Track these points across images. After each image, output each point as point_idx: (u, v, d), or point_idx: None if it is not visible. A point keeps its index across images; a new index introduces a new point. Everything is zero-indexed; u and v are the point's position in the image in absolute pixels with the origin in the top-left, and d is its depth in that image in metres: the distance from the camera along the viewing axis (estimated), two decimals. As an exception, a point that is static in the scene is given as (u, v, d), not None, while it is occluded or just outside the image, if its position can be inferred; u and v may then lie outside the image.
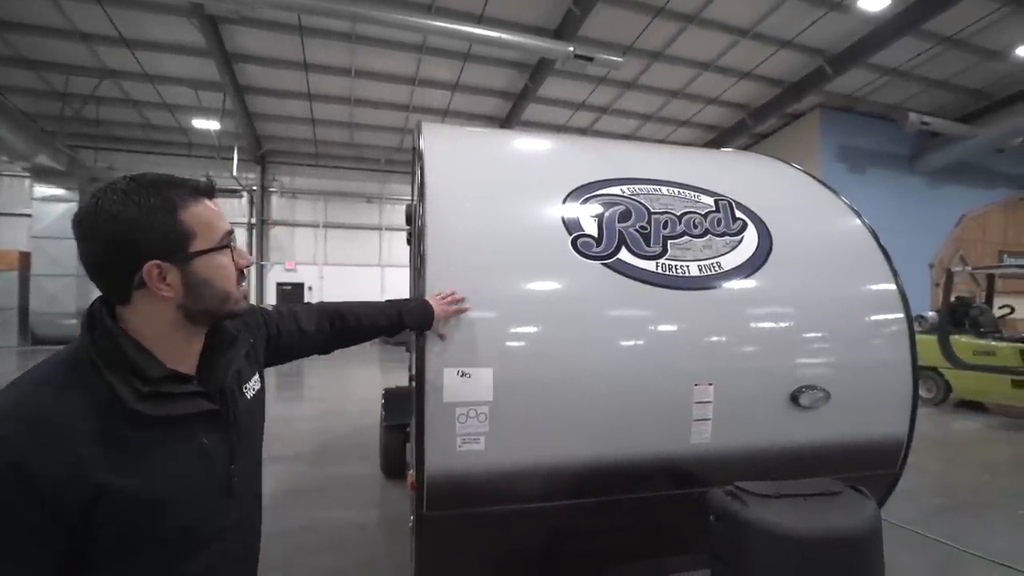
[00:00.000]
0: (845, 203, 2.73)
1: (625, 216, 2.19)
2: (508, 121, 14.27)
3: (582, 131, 15.39)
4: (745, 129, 14.46)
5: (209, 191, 0.96)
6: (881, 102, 13.61)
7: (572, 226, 2.10)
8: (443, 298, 1.76)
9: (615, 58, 10.24)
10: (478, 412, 1.77)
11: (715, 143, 15.38)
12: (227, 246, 0.95)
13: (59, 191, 14.23)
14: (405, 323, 1.67)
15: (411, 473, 1.98)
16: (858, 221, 2.62)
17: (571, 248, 2.04)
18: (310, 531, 3.68)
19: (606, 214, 2.17)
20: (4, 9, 9.96)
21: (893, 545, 1.60)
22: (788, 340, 2.20)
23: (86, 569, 0.82)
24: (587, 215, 2.16)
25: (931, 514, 4.02)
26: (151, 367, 0.87)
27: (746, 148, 15.95)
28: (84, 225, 0.86)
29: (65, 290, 13.96)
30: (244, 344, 1.08)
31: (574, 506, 1.95)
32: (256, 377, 1.14)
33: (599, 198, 2.24)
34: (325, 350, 1.51)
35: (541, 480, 1.88)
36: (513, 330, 1.90)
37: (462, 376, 1.76)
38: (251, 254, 17.99)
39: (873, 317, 2.36)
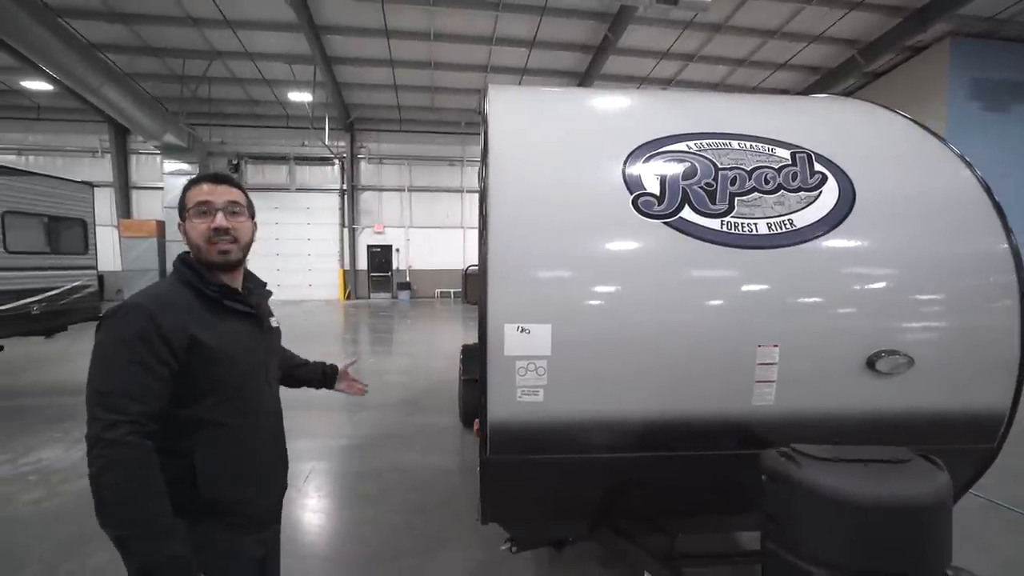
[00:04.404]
0: (954, 153, 2.44)
1: (690, 173, 2.13)
2: (587, 76, 13.78)
3: (666, 82, 14.54)
4: (854, 68, 12.88)
5: (208, 178, 1.40)
6: (1034, 24, 11.51)
7: (633, 185, 2.09)
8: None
9: (703, -2, 9.48)
10: (537, 366, 1.87)
11: (818, 86, 13.88)
12: (195, 213, 1.37)
13: (184, 165, 16.13)
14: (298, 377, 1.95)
15: (477, 421, 2.15)
16: (967, 172, 2.35)
17: (631, 207, 2.04)
18: (398, 471, 4.09)
19: (670, 172, 2.13)
20: (133, 4, 11.12)
21: (993, 527, 1.51)
22: (865, 302, 2.07)
23: (185, 395, 1.26)
24: (650, 173, 2.12)
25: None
26: (210, 277, 1.38)
27: (856, 89, 14.24)
28: None
29: (193, 253, 16.19)
30: (266, 294, 1.60)
31: (631, 459, 2.02)
32: (274, 318, 1.61)
33: (664, 155, 2.20)
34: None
35: (598, 432, 1.97)
36: (572, 288, 1.96)
37: (521, 331, 1.86)
38: (344, 218, 19.32)
39: (974, 278, 2.14)
